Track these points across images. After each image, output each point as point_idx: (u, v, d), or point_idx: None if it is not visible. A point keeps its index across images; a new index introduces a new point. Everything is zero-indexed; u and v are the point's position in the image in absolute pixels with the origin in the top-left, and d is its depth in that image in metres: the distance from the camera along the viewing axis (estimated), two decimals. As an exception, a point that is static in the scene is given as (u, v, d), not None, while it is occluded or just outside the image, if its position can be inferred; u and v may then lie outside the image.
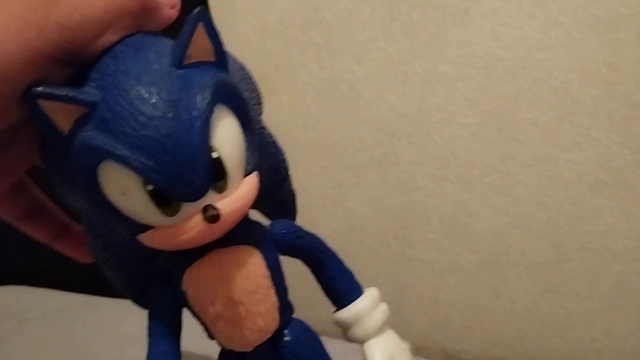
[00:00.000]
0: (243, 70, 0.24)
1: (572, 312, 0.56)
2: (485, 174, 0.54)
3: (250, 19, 0.58)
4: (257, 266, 0.24)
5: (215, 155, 0.20)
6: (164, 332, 0.24)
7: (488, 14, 0.49)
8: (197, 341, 0.27)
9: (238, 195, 0.22)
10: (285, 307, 0.25)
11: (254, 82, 0.25)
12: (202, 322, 0.25)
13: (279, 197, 0.28)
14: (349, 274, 0.27)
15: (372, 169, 0.59)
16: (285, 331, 0.26)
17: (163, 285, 0.24)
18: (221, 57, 0.21)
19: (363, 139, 0.58)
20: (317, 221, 0.64)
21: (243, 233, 0.23)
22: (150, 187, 0.20)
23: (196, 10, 0.20)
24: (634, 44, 0.45)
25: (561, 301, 0.56)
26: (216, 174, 0.21)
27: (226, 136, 0.21)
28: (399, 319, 0.65)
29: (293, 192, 0.29)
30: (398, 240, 0.61)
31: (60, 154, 0.21)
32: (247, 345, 0.24)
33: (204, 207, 0.20)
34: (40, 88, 0.19)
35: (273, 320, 0.24)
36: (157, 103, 0.19)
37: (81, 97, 0.19)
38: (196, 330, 0.25)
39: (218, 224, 0.21)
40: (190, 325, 0.25)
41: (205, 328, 0.25)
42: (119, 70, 0.20)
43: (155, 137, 0.19)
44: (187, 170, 0.19)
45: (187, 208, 0.20)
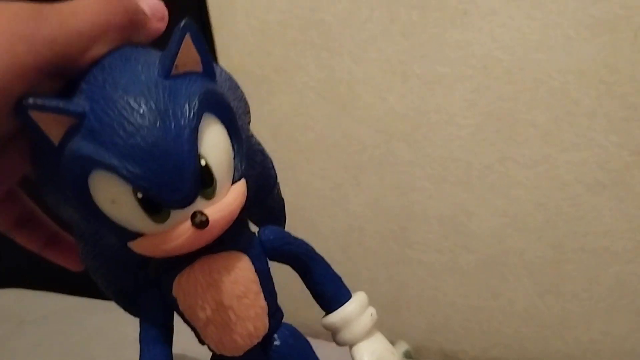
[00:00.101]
0: (231, 80, 0.25)
1: (571, 313, 0.56)
2: (484, 174, 0.54)
3: (250, 21, 0.58)
4: (246, 271, 0.24)
5: (203, 162, 0.21)
6: (156, 338, 0.25)
7: (487, 15, 0.49)
8: (189, 347, 0.27)
9: (226, 202, 0.22)
10: (275, 311, 0.26)
11: (242, 91, 0.25)
12: (193, 328, 0.25)
13: (267, 204, 0.28)
14: (337, 279, 0.28)
15: (371, 169, 0.59)
16: (275, 335, 0.26)
17: (154, 292, 0.25)
18: (208, 67, 0.22)
19: (362, 139, 0.58)
20: (317, 222, 0.64)
21: (232, 239, 0.24)
22: (140, 195, 0.20)
23: (183, 22, 0.20)
24: (633, 45, 0.45)
25: (560, 302, 0.56)
26: (204, 181, 0.21)
27: (214, 144, 0.22)
28: (398, 319, 0.65)
29: (282, 200, 0.29)
30: (397, 241, 0.61)
31: (51, 164, 0.21)
32: (237, 350, 0.25)
33: (192, 214, 0.21)
34: (31, 99, 0.19)
35: (262, 324, 0.25)
36: (145, 113, 0.19)
37: (70, 108, 0.20)
38: (188, 336, 0.26)
39: (207, 230, 0.21)
40: (181, 331, 0.26)
41: (196, 333, 0.25)
42: (108, 82, 0.20)
43: (143, 146, 0.19)
44: (175, 177, 0.20)
45: (176, 215, 0.21)
